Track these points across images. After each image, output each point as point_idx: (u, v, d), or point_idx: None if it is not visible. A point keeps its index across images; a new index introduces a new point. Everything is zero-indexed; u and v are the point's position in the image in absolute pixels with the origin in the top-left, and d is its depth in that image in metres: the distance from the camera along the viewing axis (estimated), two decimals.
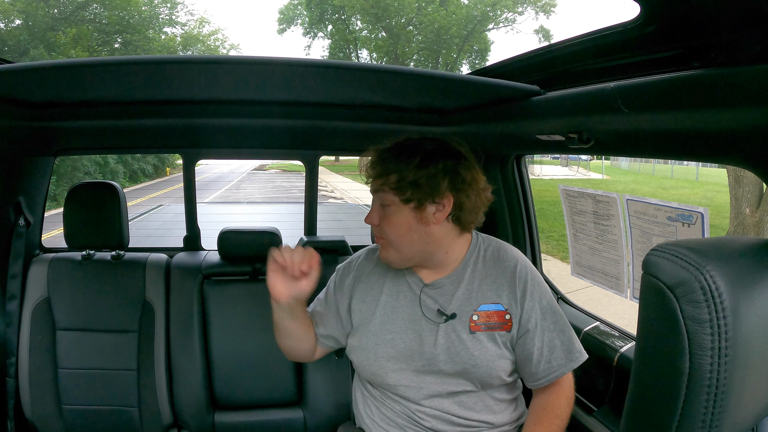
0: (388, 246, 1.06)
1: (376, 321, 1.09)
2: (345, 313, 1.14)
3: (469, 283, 1.07)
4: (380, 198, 1.05)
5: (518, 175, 1.67)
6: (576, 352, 1.07)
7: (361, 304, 1.12)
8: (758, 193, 5.75)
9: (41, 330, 1.55)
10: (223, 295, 1.66)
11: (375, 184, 1.05)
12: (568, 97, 0.90)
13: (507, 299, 1.06)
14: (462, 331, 1.05)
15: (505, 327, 1.05)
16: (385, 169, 1.03)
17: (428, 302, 1.07)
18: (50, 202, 5.71)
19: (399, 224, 1.03)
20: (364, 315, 1.11)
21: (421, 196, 1.01)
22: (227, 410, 1.62)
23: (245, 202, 13.03)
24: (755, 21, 0.56)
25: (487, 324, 1.05)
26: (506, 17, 22.72)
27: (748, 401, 0.52)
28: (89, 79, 1.06)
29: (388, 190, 1.03)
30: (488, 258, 1.10)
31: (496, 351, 1.05)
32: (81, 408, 1.54)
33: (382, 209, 1.05)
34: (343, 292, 1.15)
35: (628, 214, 1.13)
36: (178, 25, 19.38)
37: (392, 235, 1.04)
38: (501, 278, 1.07)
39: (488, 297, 1.06)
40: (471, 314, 1.05)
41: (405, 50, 22.03)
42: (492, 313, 1.05)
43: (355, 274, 1.16)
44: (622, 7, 0.77)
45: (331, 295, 1.17)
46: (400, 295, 1.10)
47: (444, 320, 1.05)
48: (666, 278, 0.50)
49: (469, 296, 1.06)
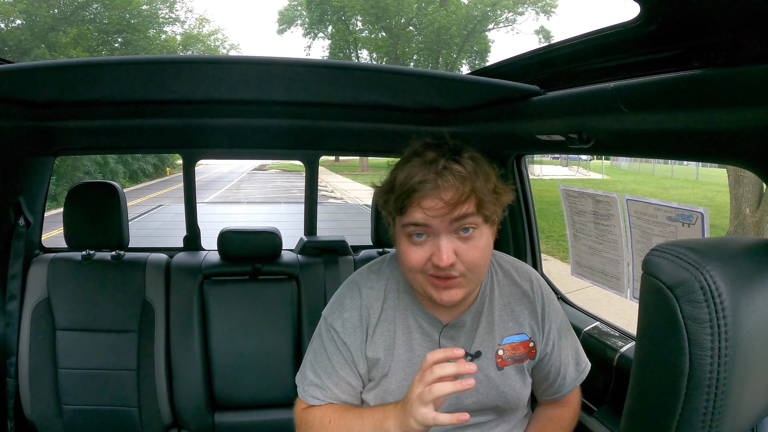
0: (465, 282, 0.85)
1: (392, 381, 0.94)
2: (365, 372, 0.96)
3: (488, 316, 0.96)
4: (457, 225, 0.82)
5: (518, 175, 1.67)
6: (583, 363, 1.06)
7: (374, 360, 0.95)
8: (758, 193, 5.76)
9: (41, 330, 1.55)
10: (223, 295, 1.66)
11: (455, 210, 0.80)
12: (568, 97, 0.90)
13: (529, 327, 0.98)
14: (489, 369, 0.95)
15: (530, 355, 0.98)
16: (465, 187, 0.80)
17: (449, 345, 0.94)
18: (50, 202, 5.71)
19: (484, 249, 0.84)
20: (379, 371, 0.95)
21: (497, 211, 0.85)
22: (227, 410, 1.62)
23: (245, 202, 13.03)
24: (755, 21, 0.56)
25: (514, 357, 0.96)
26: (506, 17, 22.73)
27: (748, 401, 0.52)
28: (89, 79, 1.05)
29: (471, 209, 0.81)
30: (503, 283, 0.99)
31: (522, 380, 0.99)
32: (81, 408, 1.54)
33: (459, 239, 0.83)
34: (358, 353, 0.95)
35: (628, 214, 1.13)
36: (178, 23, 19.39)
37: (479, 264, 0.84)
38: (520, 305, 0.98)
39: (510, 328, 0.97)
40: (496, 349, 0.95)
41: (405, 50, 22.02)
42: (518, 345, 0.97)
43: (363, 326, 0.95)
44: (622, 7, 0.77)
45: (342, 359, 0.95)
46: (414, 344, 0.95)
47: (469, 360, 0.93)
48: (666, 278, 0.50)
49: (491, 330, 0.96)
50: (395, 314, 0.95)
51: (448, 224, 0.81)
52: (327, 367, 0.95)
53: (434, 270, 0.83)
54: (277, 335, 1.65)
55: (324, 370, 0.95)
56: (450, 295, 0.84)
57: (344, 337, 0.95)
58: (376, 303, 0.96)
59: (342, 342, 0.95)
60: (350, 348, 0.95)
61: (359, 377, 0.96)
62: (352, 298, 0.97)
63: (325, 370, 0.95)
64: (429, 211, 0.80)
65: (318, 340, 0.98)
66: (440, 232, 0.82)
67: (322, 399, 0.95)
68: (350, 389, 0.96)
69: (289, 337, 1.66)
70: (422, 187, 0.80)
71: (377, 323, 0.95)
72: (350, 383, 0.95)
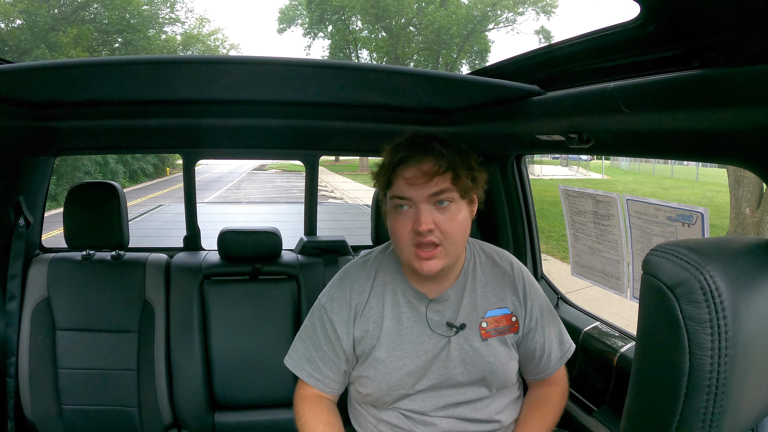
0: (444, 254, 0.95)
1: (381, 350, 1.02)
2: (350, 350, 1.05)
3: (471, 292, 1.05)
4: (435, 198, 0.93)
5: (518, 175, 1.67)
6: (566, 343, 1.12)
7: (364, 334, 1.04)
8: (758, 193, 5.76)
9: (41, 330, 1.55)
10: (223, 295, 1.66)
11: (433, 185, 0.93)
12: (568, 97, 0.90)
13: (511, 302, 1.06)
14: (474, 340, 1.03)
15: (512, 329, 1.06)
16: (441, 164, 0.93)
17: (435, 317, 1.03)
18: (50, 202, 5.71)
19: (461, 221, 0.95)
20: (369, 344, 1.03)
21: (472, 187, 0.96)
22: (227, 410, 1.62)
23: (245, 202, 13.03)
24: (755, 21, 0.56)
25: (497, 329, 1.04)
26: (506, 17, 22.72)
27: (748, 401, 0.52)
28: (89, 79, 1.05)
29: (450, 188, 0.93)
30: (485, 264, 1.08)
31: (508, 353, 1.05)
32: (81, 408, 1.54)
33: (437, 210, 0.94)
34: (343, 330, 1.04)
35: (628, 214, 1.13)
36: (178, 23, 19.39)
37: (455, 235, 0.95)
38: (501, 283, 1.07)
39: (493, 303, 1.05)
40: (480, 322, 1.03)
41: (405, 50, 22.02)
42: (500, 318, 1.05)
43: (350, 304, 1.05)
44: (622, 7, 0.77)
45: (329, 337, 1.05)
46: (403, 317, 1.03)
47: (454, 332, 1.02)
48: (666, 278, 0.50)
49: (474, 305, 1.04)
50: (384, 291, 1.05)
51: (427, 196, 0.93)
52: (314, 341, 1.06)
53: (417, 238, 0.93)
54: (277, 335, 1.65)
55: (312, 344, 1.06)
56: (430, 266, 0.94)
57: (331, 314, 1.05)
58: (366, 282, 1.06)
59: (329, 320, 1.05)
60: (335, 324, 1.04)
61: (342, 353, 1.05)
62: (342, 281, 1.08)
63: (312, 343, 1.06)
64: (410, 180, 0.93)
65: (310, 317, 1.10)
66: (421, 203, 0.93)
67: (308, 371, 1.06)
68: (332, 365, 1.05)
69: (289, 337, 1.66)
70: (405, 160, 0.94)
71: (367, 300, 1.05)
72: (332, 359, 1.05)
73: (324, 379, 1.06)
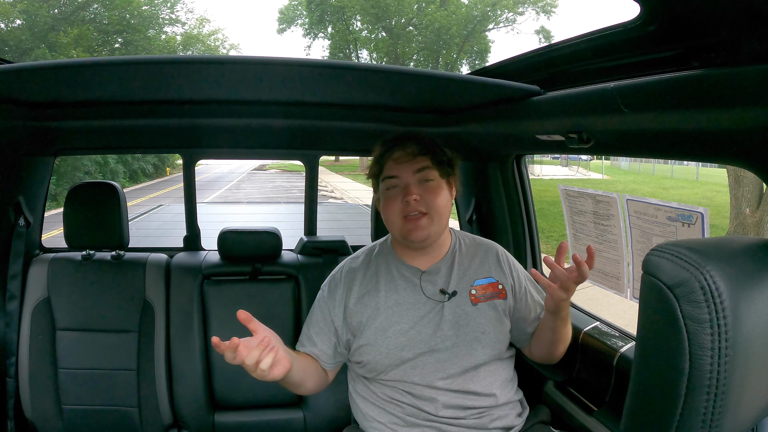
0: (430, 221, 1.11)
1: (380, 317, 1.14)
2: (341, 324, 1.17)
3: (460, 265, 1.19)
4: (420, 176, 1.11)
5: (518, 175, 1.67)
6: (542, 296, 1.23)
7: (359, 306, 1.16)
8: (758, 193, 5.75)
9: (41, 330, 1.55)
10: (223, 295, 1.66)
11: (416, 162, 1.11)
12: (568, 97, 0.90)
13: (496, 273, 1.20)
14: (465, 305, 1.15)
15: (500, 296, 1.18)
16: (422, 148, 1.12)
17: (428, 287, 1.16)
18: (50, 202, 5.71)
19: (442, 195, 1.13)
20: (366, 314, 1.15)
21: (451, 173, 1.16)
22: (227, 410, 1.62)
23: (245, 202, 13.03)
24: (755, 21, 0.56)
25: (485, 295, 1.17)
26: (506, 17, 22.71)
27: (748, 401, 0.52)
28: (89, 79, 1.05)
29: (430, 166, 1.12)
30: (470, 245, 1.24)
31: (498, 317, 1.16)
32: (81, 408, 1.54)
33: (422, 186, 1.11)
34: (335, 304, 1.18)
35: (628, 214, 1.13)
36: (178, 23, 19.38)
37: (439, 205, 1.11)
38: (485, 258, 1.21)
39: (479, 273, 1.19)
40: (469, 289, 1.16)
41: (405, 50, 22.02)
42: (487, 286, 1.18)
43: (345, 283, 1.19)
44: (622, 7, 0.77)
45: (324, 313, 1.19)
46: (399, 288, 1.16)
47: (447, 298, 1.15)
48: (666, 278, 0.50)
49: (463, 275, 1.18)
50: (378, 267, 1.20)
51: (412, 172, 1.11)
52: (314, 320, 1.19)
53: (406, 209, 1.10)
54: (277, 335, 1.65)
55: (312, 323, 1.19)
56: (419, 232, 1.10)
57: (327, 293, 1.20)
58: (363, 263, 1.21)
59: (325, 299, 1.20)
60: (329, 300, 1.18)
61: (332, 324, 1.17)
62: (341, 266, 1.24)
63: (312, 322, 1.20)
64: (397, 159, 1.11)
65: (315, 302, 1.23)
66: (408, 180, 1.11)
67: (307, 347, 1.18)
68: (324, 336, 1.17)
69: (289, 337, 1.66)
70: (392, 146, 1.13)
71: (363, 277, 1.18)
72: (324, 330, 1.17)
73: (313, 348, 1.17)
